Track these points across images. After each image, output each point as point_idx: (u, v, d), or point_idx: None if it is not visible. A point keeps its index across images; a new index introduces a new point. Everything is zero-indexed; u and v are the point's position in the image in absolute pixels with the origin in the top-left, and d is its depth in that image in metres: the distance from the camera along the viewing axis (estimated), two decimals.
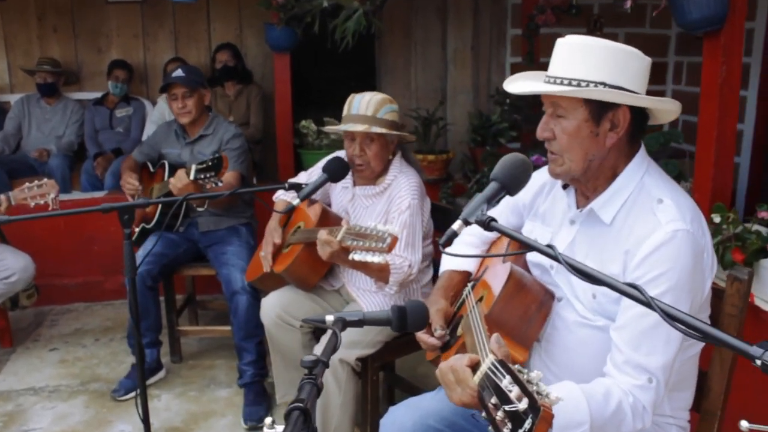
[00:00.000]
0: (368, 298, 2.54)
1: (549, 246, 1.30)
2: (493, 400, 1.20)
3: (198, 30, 5.36)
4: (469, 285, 1.92)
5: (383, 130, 2.45)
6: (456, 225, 1.52)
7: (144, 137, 5.00)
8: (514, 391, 1.14)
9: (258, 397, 3.09)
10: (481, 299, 1.79)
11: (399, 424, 1.78)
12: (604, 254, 1.58)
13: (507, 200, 2.03)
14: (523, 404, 1.09)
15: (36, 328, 4.06)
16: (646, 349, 1.46)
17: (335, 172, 2.48)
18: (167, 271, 3.39)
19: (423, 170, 2.69)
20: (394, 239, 1.95)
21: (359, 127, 2.43)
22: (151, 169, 3.53)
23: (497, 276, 1.75)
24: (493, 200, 1.55)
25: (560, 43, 1.61)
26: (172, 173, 3.27)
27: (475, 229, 2.13)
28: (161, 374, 3.42)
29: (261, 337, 3.18)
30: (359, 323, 1.57)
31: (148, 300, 3.25)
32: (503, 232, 1.44)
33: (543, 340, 1.70)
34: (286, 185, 2.43)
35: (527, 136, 4.57)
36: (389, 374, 3.03)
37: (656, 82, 5.06)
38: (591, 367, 1.61)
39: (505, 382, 1.19)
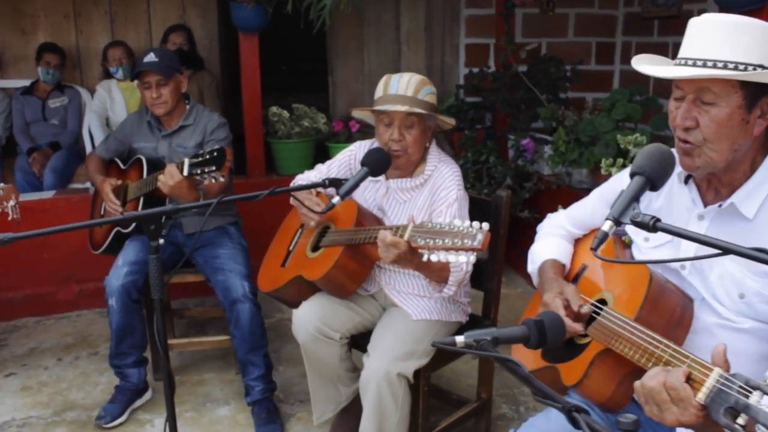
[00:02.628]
0: (412, 302, 2.32)
1: (761, 250, 1.16)
2: (741, 420, 1.09)
3: (137, 10, 4.87)
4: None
5: (425, 112, 2.24)
6: (606, 226, 1.35)
7: (84, 129, 4.51)
8: None
9: (271, 414, 2.80)
10: (602, 302, 1.63)
11: None
12: None
13: (601, 192, 1.89)
14: None
15: None
16: None
17: (376, 165, 2.24)
18: None
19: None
20: (488, 234, 1.74)
21: (400, 108, 2.21)
22: (122, 166, 3.13)
23: (627, 276, 1.59)
24: (640, 196, 1.40)
25: (698, 21, 1.46)
26: (151, 170, 2.92)
27: (561, 220, 1.98)
28: (148, 395, 3.05)
29: (267, 348, 2.90)
30: (495, 342, 1.37)
31: (133, 315, 2.88)
32: (677, 234, 1.28)
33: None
34: (326, 182, 2.17)
35: (504, 119, 4.46)
36: None
37: (604, 62, 5.09)
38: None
39: (755, 398, 1.07)
